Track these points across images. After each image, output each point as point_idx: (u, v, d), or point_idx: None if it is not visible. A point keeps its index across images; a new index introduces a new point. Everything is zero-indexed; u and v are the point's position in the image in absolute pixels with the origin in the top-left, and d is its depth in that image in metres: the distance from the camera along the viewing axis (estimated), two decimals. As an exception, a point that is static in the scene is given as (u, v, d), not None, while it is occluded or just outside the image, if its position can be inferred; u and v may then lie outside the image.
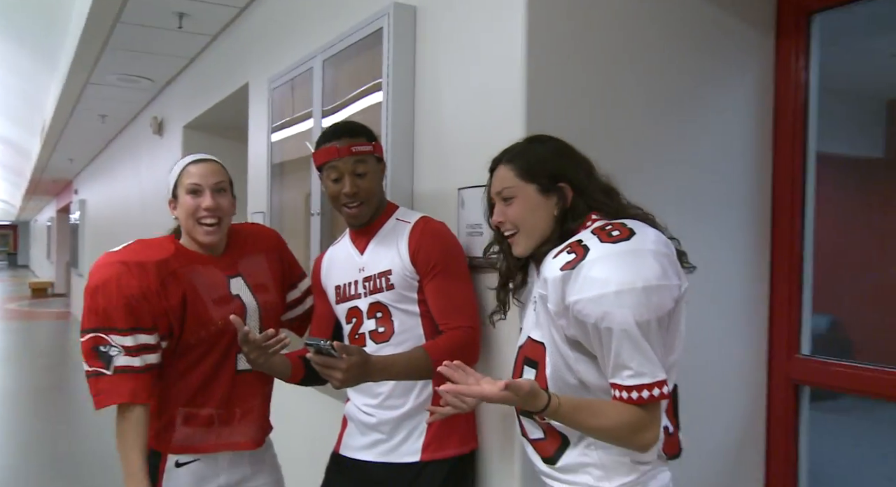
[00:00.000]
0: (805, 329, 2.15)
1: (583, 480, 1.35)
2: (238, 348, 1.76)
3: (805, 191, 2.14)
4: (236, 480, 1.86)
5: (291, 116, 2.91)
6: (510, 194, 1.43)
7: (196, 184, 1.77)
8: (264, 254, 1.94)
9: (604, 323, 1.22)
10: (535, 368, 1.40)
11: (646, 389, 1.23)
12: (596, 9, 1.86)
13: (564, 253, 1.30)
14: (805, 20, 2.14)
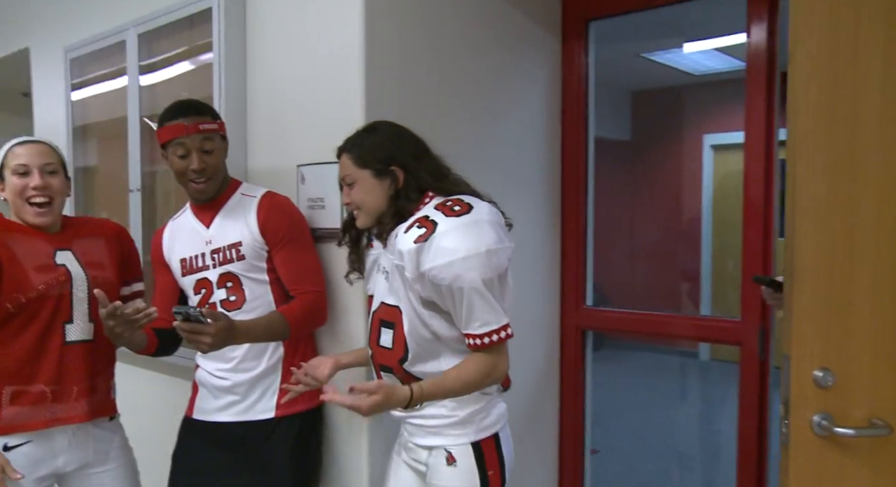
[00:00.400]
0: (589, 284, 2.59)
1: (439, 412, 1.60)
2: (65, 318, 1.78)
3: (587, 169, 2.57)
4: (78, 464, 1.84)
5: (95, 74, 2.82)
6: (351, 180, 1.62)
7: (23, 165, 1.76)
8: (104, 238, 1.94)
9: (456, 284, 1.46)
10: (391, 328, 1.61)
11: (494, 334, 1.51)
12: (424, 7, 2.08)
13: (415, 228, 1.51)
14: (584, 25, 2.55)
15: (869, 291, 1.18)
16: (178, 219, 2.01)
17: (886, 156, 1.17)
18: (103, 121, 2.88)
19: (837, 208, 1.18)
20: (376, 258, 1.70)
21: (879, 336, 1.19)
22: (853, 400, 1.20)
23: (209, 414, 1.92)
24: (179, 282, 1.96)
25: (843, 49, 1.18)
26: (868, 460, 1.21)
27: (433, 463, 1.61)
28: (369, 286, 1.75)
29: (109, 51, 2.71)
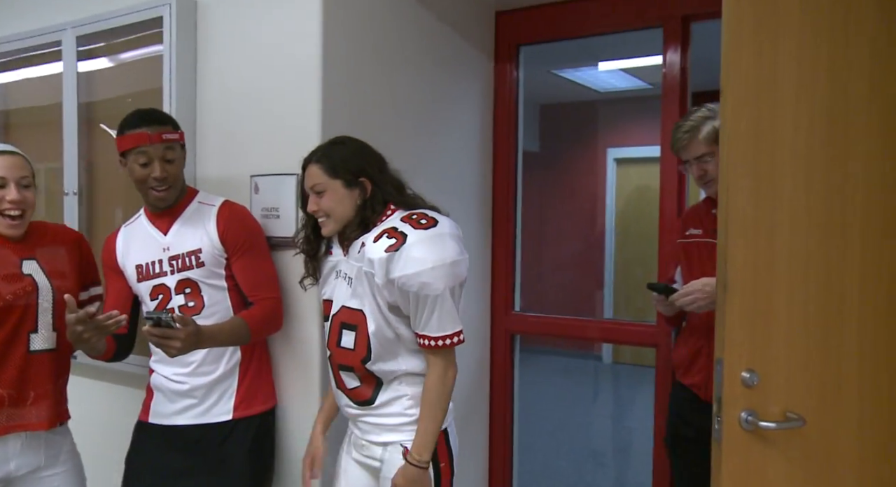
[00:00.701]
0: (517, 291, 2.78)
1: (396, 410, 1.72)
2: (30, 328, 1.81)
3: (517, 182, 2.76)
4: (30, 468, 1.86)
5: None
6: (321, 189, 1.72)
7: (1, 178, 1.77)
8: (64, 247, 1.96)
9: (423, 291, 1.60)
10: (353, 330, 1.72)
11: (449, 338, 1.66)
12: (375, 27, 2.20)
13: (385, 238, 1.64)
14: (516, 49, 2.75)
15: (784, 301, 1.38)
16: (132, 224, 2.03)
17: (796, 182, 1.39)
18: (29, 108, 2.81)
19: (760, 227, 1.38)
20: (335, 264, 1.81)
21: (793, 340, 1.39)
22: (772, 397, 1.39)
23: (166, 418, 1.96)
24: (134, 288, 1.98)
25: (765, 90, 1.38)
26: (785, 450, 1.40)
27: (389, 458, 1.73)
28: (324, 290, 1.85)
29: (41, 48, 2.66)
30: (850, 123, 1.41)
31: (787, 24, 1.38)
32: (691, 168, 2.02)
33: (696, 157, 1.98)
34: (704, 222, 2.07)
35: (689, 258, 2.09)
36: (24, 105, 2.85)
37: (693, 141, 1.97)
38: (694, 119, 1.98)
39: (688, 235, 2.12)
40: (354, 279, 1.71)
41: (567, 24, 2.62)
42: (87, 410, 2.24)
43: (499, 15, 2.74)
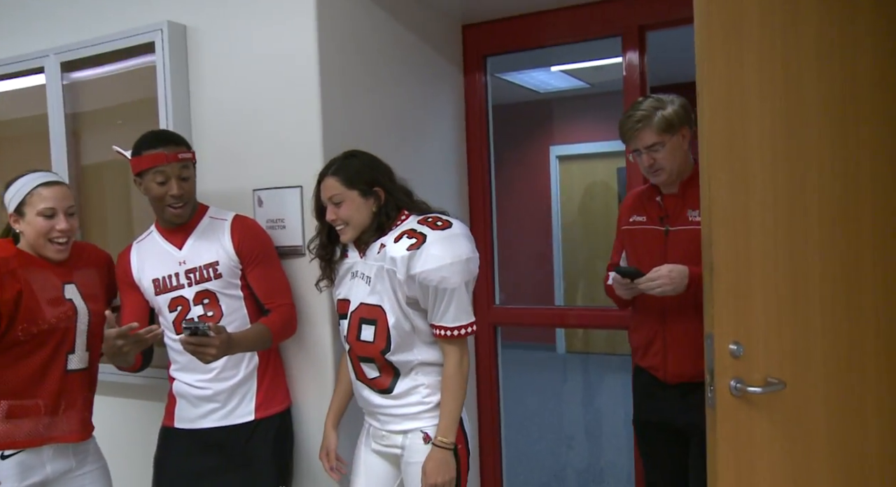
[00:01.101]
0: (496, 284, 2.97)
1: (415, 399, 1.89)
2: (69, 349, 1.93)
3: (490, 182, 2.96)
4: (64, 470, 1.98)
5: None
6: (339, 199, 1.88)
7: (51, 209, 1.89)
8: (96, 270, 2.08)
9: (441, 285, 1.78)
10: (372, 324, 1.88)
11: (464, 328, 1.85)
12: (362, 45, 2.36)
13: (405, 239, 1.81)
14: (483, 60, 2.94)
15: (759, 280, 1.60)
16: (144, 241, 2.13)
17: (764, 174, 1.61)
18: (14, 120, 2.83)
19: (737, 215, 1.58)
20: (351, 266, 1.96)
21: (768, 313, 1.60)
22: (754, 366, 1.59)
23: (191, 422, 2.07)
24: (151, 301, 2.08)
25: (735, 93, 1.59)
26: (768, 413, 1.59)
27: (410, 444, 1.90)
28: (339, 291, 1.99)
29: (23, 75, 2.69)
30: (805, 122, 1.65)
31: (748, 37, 1.60)
32: (640, 157, 2.04)
33: (647, 146, 2.00)
34: (648, 209, 2.12)
35: (633, 244, 2.14)
36: (7, 117, 2.86)
37: (645, 130, 1.99)
38: (645, 108, 2.00)
39: (632, 222, 2.16)
40: (373, 277, 1.87)
41: (531, 35, 2.82)
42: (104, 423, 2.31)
43: (465, 28, 2.92)
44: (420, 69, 2.68)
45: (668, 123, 1.99)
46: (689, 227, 2.00)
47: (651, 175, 2.06)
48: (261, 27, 2.26)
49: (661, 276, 1.91)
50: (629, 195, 2.29)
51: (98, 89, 2.57)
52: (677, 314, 2.03)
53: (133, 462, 2.31)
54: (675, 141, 2.00)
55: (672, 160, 2.01)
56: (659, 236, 2.07)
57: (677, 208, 2.06)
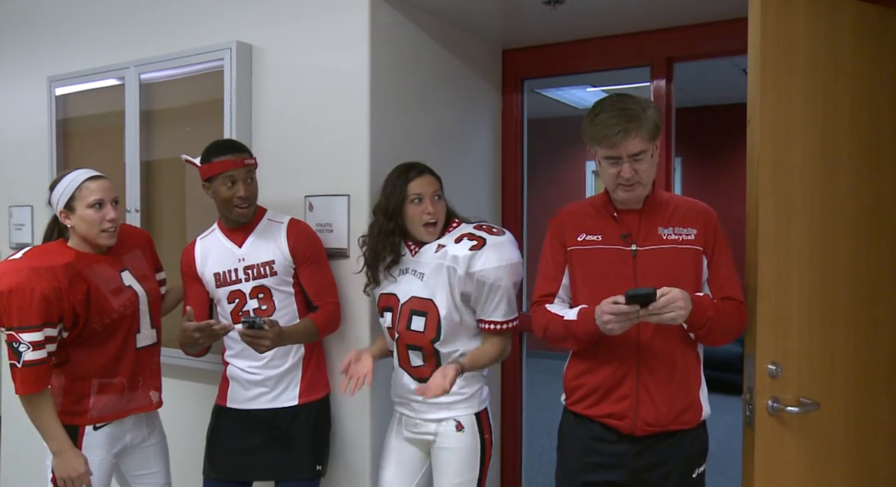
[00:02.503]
0: (525, 293, 3.16)
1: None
2: (136, 330, 2.21)
3: (523, 194, 3.16)
4: (139, 439, 2.29)
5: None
6: (440, 195, 2.14)
7: (99, 199, 2.10)
8: (139, 250, 2.32)
9: (496, 284, 2.03)
10: (423, 316, 2.10)
11: (510, 322, 2.10)
12: (410, 67, 2.58)
13: (466, 240, 2.06)
14: (521, 83, 3.15)
15: (795, 301, 1.74)
16: (207, 238, 2.37)
17: (804, 200, 1.77)
18: (89, 117, 3.11)
19: (780, 238, 1.74)
20: (401, 264, 2.16)
21: (802, 334, 1.73)
22: (789, 386, 1.71)
23: (241, 403, 2.30)
24: (212, 293, 2.33)
25: (783, 121, 1.75)
26: (798, 431, 1.72)
27: (443, 431, 2.11)
28: (382, 286, 2.19)
29: (108, 86, 2.97)
30: (838, 155, 1.81)
31: (796, 71, 1.78)
32: (618, 166, 1.74)
33: (633, 155, 1.72)
34: (603, 227, 1.86)
35: (589, 267, 1.86)
36: (82, 114, 3.15)
37: (635, 135, 1.71)
38: (633, 108, 1.72)
39: (582, 241, 1.88)
40: (428, 274, 2.09)
41: (566, 62, 3.02)
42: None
43: (505, 53, 3.14)
44: (461, 90, 2.90)
45: (656, 128, 1.76)
46: (661, 247, 1.80)
47: (623, 189, 1.77)
48: (319, 48, 2.50)
49: (676, 299, 1.63)
50: (565, 210, 1.98)
51: (168, 89, 2.84)
52: (658, 348, 1.78)
53: (190, 437, 2.56)
54: (654, 151, 1.79)
55: (650, 173, 1.79)
56: (625, 257, 1.82)
57: (644, 226, 1.83)
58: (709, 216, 1.85)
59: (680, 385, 1.81)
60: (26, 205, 3.37)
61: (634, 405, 1.79)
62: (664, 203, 1.88)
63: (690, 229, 1.82)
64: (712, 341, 1.79)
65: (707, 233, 1.83)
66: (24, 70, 3.42)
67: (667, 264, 1.79)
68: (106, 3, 3.10)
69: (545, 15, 2.65)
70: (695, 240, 1.82)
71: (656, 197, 1.87)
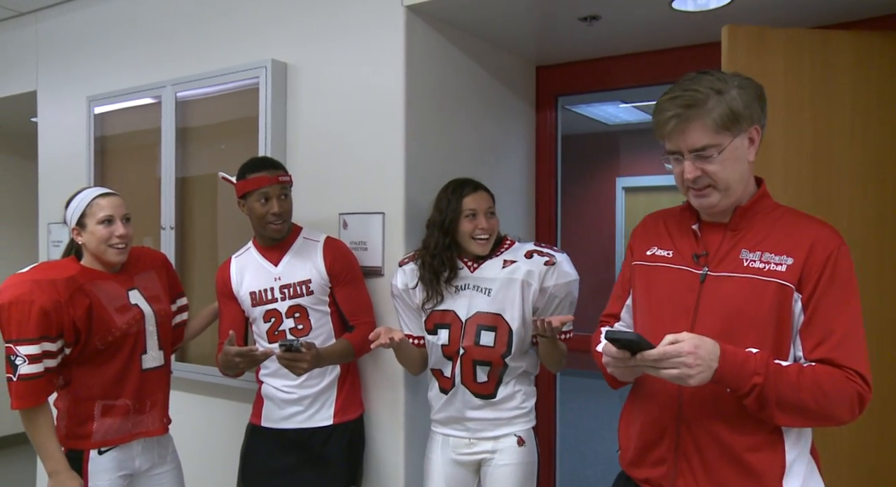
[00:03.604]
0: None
1: (513, 404, 2.09)
2: (141, 350, 2.16)
3: (557, 208, 3.12)
4: (148, 465, 2.21)
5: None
6: (493, 210, 2.17)
7: (109, 216, 2.10)
8: (154, 271, 2.29)
9: (567, 298, 2.11)
10: (493, 331, 2.08)
11: (571, 333, 2.13)
12: (443, 85, 2.57)
13: (537, 256, 2.10)
14: (554, 99, 3.12)
15: None
16: (242, 256, 2.37)
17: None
18: (126, 134, 3.15)
19: None
20: (460, 281, 2.13)
21: None
22: None
23: (276, 422, 2.29)
24: (247, 312, 2.32)
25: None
26: None
27: (503, 448, 2.09)
28: (442, 303, 2.14)
29: (146, 104, 3.01)
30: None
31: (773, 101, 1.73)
32: (679, 164, 1.41)
33: (695, 150, 1.37)
34: (678, 241, 1.52)
35: (648, 289, 1.53)
36: (119, 132, 3.19)
37: (694, 122, 1.35)
38: (700, 88, 1.35)
39: (650, 256, 1.55)
40: (496, 289, 2.08)
41: (600, 78, 3.00)
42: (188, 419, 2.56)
43: (539, 70, 3.12)
44: (495, 106, 2.88)
45: (732, 115, 1.35)
46: (736, 275, 1.40)
47: (695, 195, 1.43)
48: (353, 65, 2.50)
49: (681, 352, 1.25)
50: (647, 218, 1.67)
51: (204, 107, 2.86)
52: (707, 399, 1.39)
53: (224, 455, 2.55)
54: (739, 145, 1.38)
55: (731, 174, 1.39)
56: (691, 282, 1.45)
57: (725, 245, 1.45)
58: (820, 243, 1.38)
59: (740, 460, 1.37)
60: (64, 223, 3.41)
61: (671, 474, 1.42)
62: (764, 218, 1.45)
63: (784, 257, 1.38)
64: (783, 419, 1.33)
65: (811, 266, 1.36)
66: (66, 90, 3.48)
67: (735, 298, 1.39)
68: (143, 24, 3.15)
69: (580, 31, 2.63)
70: (785, 273, 1.37)
71: (755, 208, 1.45)
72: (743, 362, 1.30)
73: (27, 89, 3.68)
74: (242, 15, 2.80)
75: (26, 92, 3.68)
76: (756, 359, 1.31)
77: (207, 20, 2.91)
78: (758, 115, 1.40)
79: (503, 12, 2.47)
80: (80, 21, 3.43)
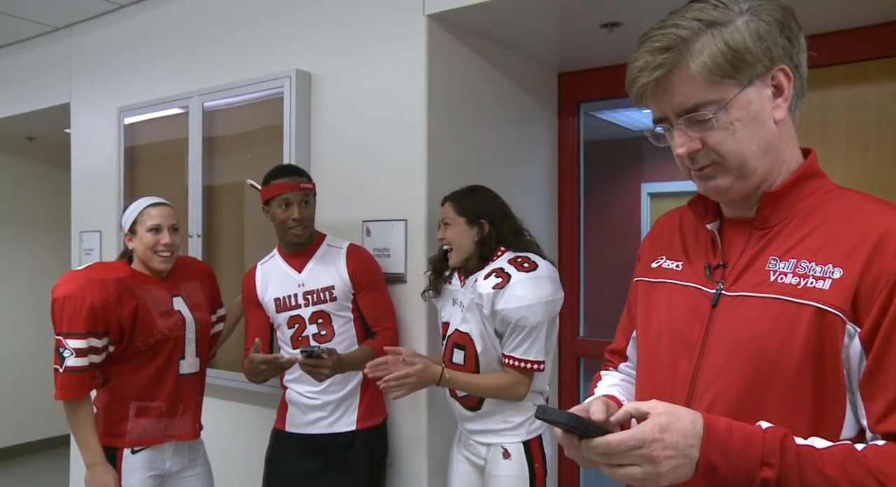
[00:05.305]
0: (581, 317, 3.12)
1: (499, 417, 2.06)
2: (180, 355, 2.23)
3: (579, 214, 3.12)
4: (179, 468, 2.28)
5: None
6: (448, 222, 2.12)
7: (157, 225, 2.19)
8: (199, 281, 2.38)
9: (521, 322, 1.96)
10: (463, 349, 2.08)
11: (530, 363, 2.00)
12: (465, 94, 2.59)
13: (493, 277, 2.00)
14: (577, 105, 3.13)
15: None
16: (267, 263, 2.40)
17: None
18: (154, 144, 3.21)
19: None
20: (452, 293, 2.16)
21: None
22: None
23: (300, 428, 2.32)
24: (272, 318, 2.35)
25: None
26: None
27: (491, 457, 2.08)
28: (443, 314, 2.20)
29: (173, 115, 3.08)
30: None
31: None
32: (669, 135, 1.01)
33: (683, 112, 0.97)
34: (692, 248, 1.11)
35: (647, 318, 1.14)
36: (147, 141, 3.26)
37: (675, 74, 0.96)
38: (680, 23, 0.95)
39: (654, 269, 1.15)
40: (466, 308, 2.07)
41: (621, 84, 2.96)
42: (214, 424, 2.60)
43: (561, 76, 3.13)
44: (517, 113, 2.89)
45: (733, 54, 0.94)
46: (761, 296, 0.96)
47: (697, 177, 1.02)
48: (376, 74, 2.53)
49: (642, 440, 0.86)
50: (661, 218, 1.27)
51: (230, 117, 2.91)
52: None
53: (247, 460, 2.59)
54: (753, 97, 0.96)
55: (744, 142, 0.97)
56: (699, 305, 1.04)
57: (749, 251, 1.02)
58: (892, 242, 0.90)
59: None
60: (95, 231, 3.50)
61: None
62: (807, 207, 0.99)
63: (828, 267, 0.92)
64: None
65: (873, 280, 0.90)
66: (97, 102, 3.57)
67: (754, 330, 0.96)
68: (171, 37, 3.22)
69: (602, 38, 2.64)
70: (829, 292, 0.91)
71: (792, 193, 1.00)
72: (743, 445, 0.86)
73: (61, 101, 3.78)
74: (267, 27, 2.85)
75: (60, 104, 3.79)
76: (765, 439, 0.86)
77: (233, 32, 2.97)
78: (785, 50, 0.95)
79: (524, 20, 2.48)
80: (111, 35, 3.51)
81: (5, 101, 4.16)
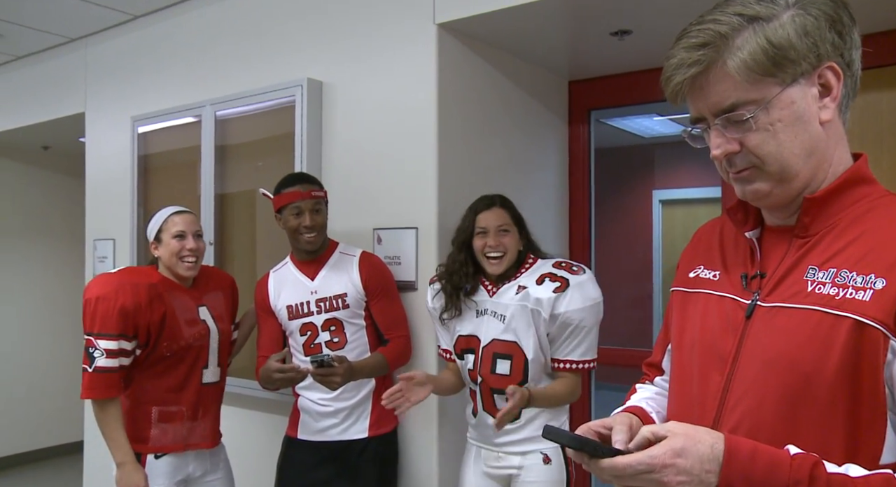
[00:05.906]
0: (593, 325, 3.11)
1: (538, 424, 2.05)
2: (203, 364, 2.26)
3: (590, 221, 3.12)
4: (202, 472, 2.30)
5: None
6: (506, 228, 2.09)
7: (182, 231, 2.22)
8: (222, 292, 2.40)
9: (581, 324, 1.99)
10: (508, 359, 2.05)
11: (588, 363, 2.04)
12: (475, 102, 2.60)
13: (548, 281, 2.02)
14: (587, 113, 3.13)
15: None
16: (280, 270, 2.42)
17: None
18: (166, 153, 3.24)
19: None
20: (478, 304, 2.12)
21: None
22: None
23: (312, 435, 2.32)
24: (285, 325, 2.36)
25: None
26: None
27: (529, 464, 2.06)
28: (461, 327, 2.15)
29: (187, 124, 3.11)
30: None
31: None
32: (706, 137, 0.97)
33: (721, 111, 0.92)
34: (731, 257, 1.06)
35: (678, 325, 1.11)
36: (160, 150, 3.30)
37: (712, 72, 0.91)
38: (720, 18, 0.91)
39: (691, 279, 1.11)
40: (509, 316, 2.05)
41: (633, 92, 3.00)
42: (226, 431, 2.61)
43: (571, 84, 3.13)
44: (528, 121, 2.90)
45: (775, 52, 0.89)
46: (798, 307, 0.92)
47: (735, 181, 0.98)
48: (387, 83, 2.55)
49: (654, 465, 0.83)
50: (703, 227, 1.20)
51: (242, 125, 2.94)
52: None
53: (259, 467, 2.60)
54: (797, 97, 0.91)
55: (786, 145, 0.92)
56: (733, 316, 1.00)
57: (788, 259, 0.97)
58: None
59: None
60: (109, 239, 3.53)
61: None
62: (850, 213, 0.94)
63: (872, 277, 0.87)
64: None
65: None
66: (111, 111, 3.61)
67: (789, 343, 0.91)
68: (184, 47, 3.25)
69: (612, 46, 2.64)
70: (869, 304, 0.86)
71: (836, 200, 0.95)
72: (767, 472, 0.80)
73: (76, 111, 3.83)
74: (278, 36, 2.87)
75: (75, 113, 3.83)
76: (792, 467, 0.80)
77: (245, 42, 2.99)
78: (834, 46, 0.90)
79: (534, 29, 2.49)
80: (125, 46, 3.56)
81: (22, 111, 4.22)
